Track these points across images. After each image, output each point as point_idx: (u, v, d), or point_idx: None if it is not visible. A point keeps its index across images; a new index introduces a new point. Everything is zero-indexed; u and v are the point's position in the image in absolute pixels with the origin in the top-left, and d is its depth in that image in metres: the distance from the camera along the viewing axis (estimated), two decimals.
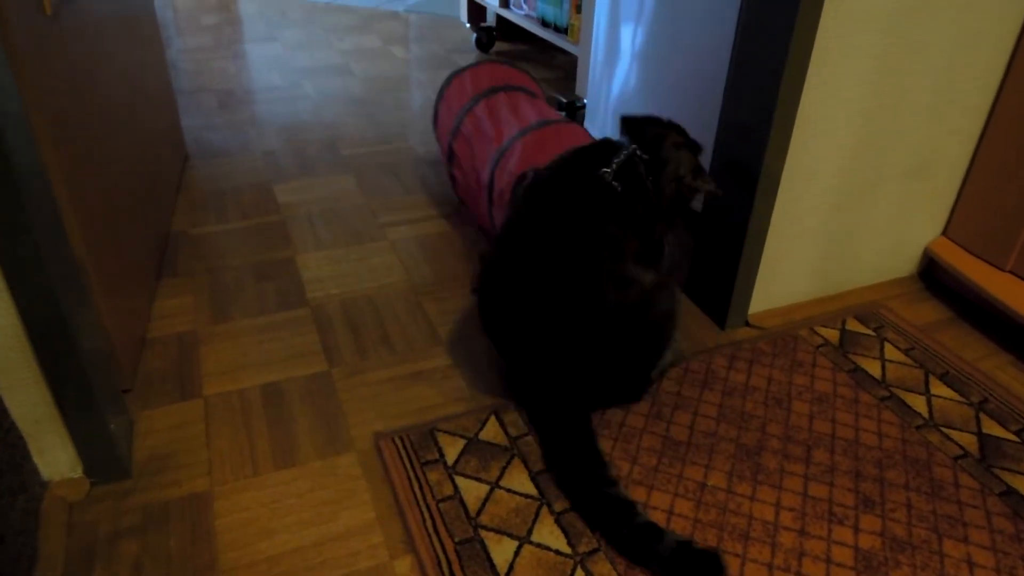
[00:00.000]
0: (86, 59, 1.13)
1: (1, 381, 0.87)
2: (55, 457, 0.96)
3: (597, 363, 1.06)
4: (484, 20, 3.17)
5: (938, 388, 1.22)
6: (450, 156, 1.62)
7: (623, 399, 1.16)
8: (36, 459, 0.95)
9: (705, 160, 1.40)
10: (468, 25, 3.19)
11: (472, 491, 1.00)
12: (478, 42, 3.01)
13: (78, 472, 0.98)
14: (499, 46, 3.09)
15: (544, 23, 2.58)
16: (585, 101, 2.03)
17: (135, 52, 1.48)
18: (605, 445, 1.08)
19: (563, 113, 2.20)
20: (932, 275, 1.52)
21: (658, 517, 0.97)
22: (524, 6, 2.71)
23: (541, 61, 2.92)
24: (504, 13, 2.83)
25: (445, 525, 0.95)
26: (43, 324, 0.85)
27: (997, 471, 1.06)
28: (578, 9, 2.33)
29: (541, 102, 1.62)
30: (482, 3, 3.02)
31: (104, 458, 0.99)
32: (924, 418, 1.16)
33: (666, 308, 1.09)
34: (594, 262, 1.02)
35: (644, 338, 1.08)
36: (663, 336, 1.11)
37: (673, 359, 1.19)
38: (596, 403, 1.14)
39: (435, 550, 0.92)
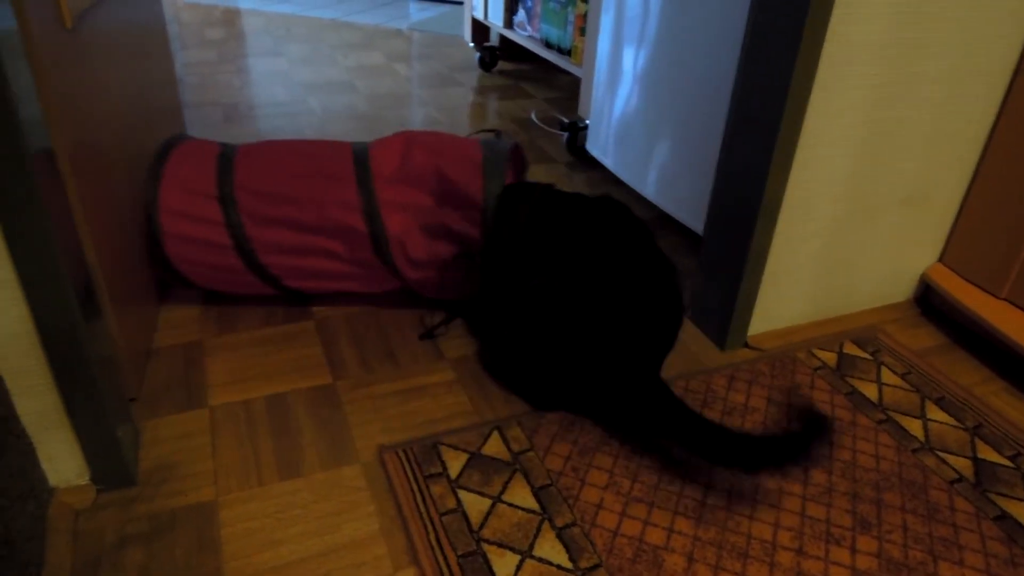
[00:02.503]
0: (102, 72, 1.15)
1: (15, 387, 0.88)
2: (63, 464, 0.97)
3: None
4: (487, 40, 3.21)
5: (934, 412, 1.24)
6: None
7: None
8: (44, 465, 0.96)
9: (707, 183, 1.42)
10: (471, 44, 3.23)
11: (475, 505, 1.01)
12: (481, 61, 3.05)
13: (85, 479, 0.99)
14: (502, 65, 3.13)
15: (548, 44, 2.62)
16: (587, 122, 2.06)
17: (147, 66, 1.50)
18: (605, 462, 1.09)
19: (565, 133, 2.23)
20: (928, 301, 1.54)
21: (658, 535, 0.98)
22: (528, 27, 2.75)
23: (544, 81, 2.96)
24: (508, 33, 2.87)
25: (448, 538, 0.96)
26: (57, 332, 0.87)
27: (992, 496, 1.08)
28: (582, 31, 2.37)
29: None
30: (486, 23, 3.06)
31: (110, 466, 0.99)
32: (920, 442, 1.17)
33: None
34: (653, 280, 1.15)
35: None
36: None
37: None
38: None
39: (438, 563, 0.93)
